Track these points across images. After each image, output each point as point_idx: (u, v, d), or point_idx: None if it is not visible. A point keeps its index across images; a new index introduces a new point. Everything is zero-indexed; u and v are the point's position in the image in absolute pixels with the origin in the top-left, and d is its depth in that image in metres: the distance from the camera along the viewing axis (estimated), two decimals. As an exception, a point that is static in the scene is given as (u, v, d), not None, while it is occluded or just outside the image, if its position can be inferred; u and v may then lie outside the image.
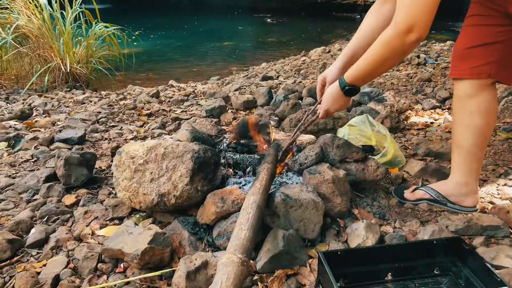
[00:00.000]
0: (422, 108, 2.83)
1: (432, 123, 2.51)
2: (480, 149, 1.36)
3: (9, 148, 2.12)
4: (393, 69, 4.30)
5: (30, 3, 4.26)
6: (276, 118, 2.58)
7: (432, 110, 2.77)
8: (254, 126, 1.63)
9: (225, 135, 1.78)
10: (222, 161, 1.54)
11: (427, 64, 4.58)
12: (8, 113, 2.86)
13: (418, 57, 4.86)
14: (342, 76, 1.33)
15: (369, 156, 1.56)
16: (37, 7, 4.26)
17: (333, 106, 1.39)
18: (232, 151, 1.59)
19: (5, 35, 3.98)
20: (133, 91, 4.00)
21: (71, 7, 4.45)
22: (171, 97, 3.44)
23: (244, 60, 8.38)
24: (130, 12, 14.39)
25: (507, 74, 1.30)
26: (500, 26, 1.24)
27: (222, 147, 1.67)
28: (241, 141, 1.68)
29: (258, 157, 1.50)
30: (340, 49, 6.82)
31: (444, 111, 2.75)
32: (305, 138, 1.84)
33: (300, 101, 2.89)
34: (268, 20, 15.25)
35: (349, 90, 1.32)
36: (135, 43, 7.80)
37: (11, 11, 4.27)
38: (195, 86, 4.36)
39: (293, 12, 16.67)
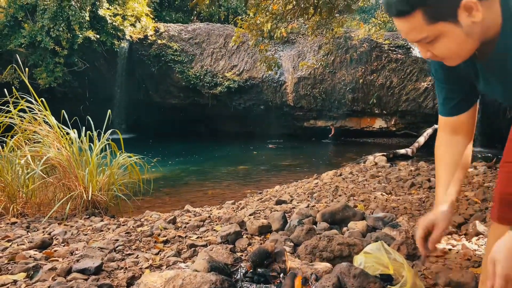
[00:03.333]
0: (438, 233, 2.81)
1: (450, 249, 2.48)
2: None
3: (27, 279, 2.13)
4: (404, 192, 4.37)
5: (61, 137, 4.68)
6: (291, 243, 2.58)
7: (449, 236, 2.74)
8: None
9: (241, 264, 1.79)
10: (239, 292, 1.53)
11: (438, 186, 4.65)
12: (28, 242, 2.92)
13: (429, 180, 4.98)
14: None
15: (388, 286, 1.53)
16: (67, 140, 4.67)
17: None
18: (249, 280, 1.59)
19: (35, 166, 4.29)
20: (150, 217, 4.09)
21: (99, 140, 4.85)
22: (187, 223, 3.50)
23: (258, 183, 8.62)
24: (151, 140, 15.40)
25: None
26: None
27: (238, 276, 1.67)
28: (258, 269, 1.68)
29: (275, 287, 1.49)
30: (351, 172, 7.03)
31: (461, 237, 2.73)
32: (321, 266, 1.83)
33: (315, 226, 2.92)
34: (281, 145, 16.07)
35: None
36: (153, 170, 8.20)
37: (43, 144, 4.67)
38: (211, 210, 4.44)
39: (304, 138, 17.62)
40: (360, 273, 1.49)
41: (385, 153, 9.85)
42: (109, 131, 5.05)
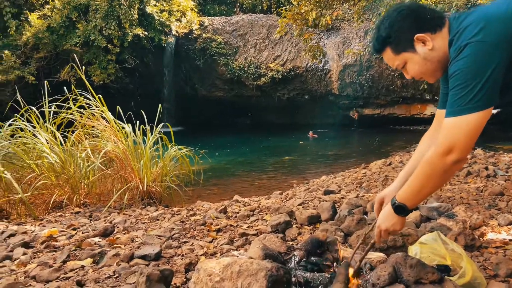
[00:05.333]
0: (498, 224, 2.69)
1: (510, 240, 2.36)
2: None
3: (94, 264, 2.30)
4: (460, 181, 4.20)
5: (117, 131, 4.93)
6: (342, 233, 2.58)
7: (510, 226, 2.61)
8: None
9: (294, 252, 1.83)
10: (293, 279, 1.57)
11: (497, 176, 4.42)
12: (92, 230, 3.14)
13: (487, 168, 4.73)
14: None
15: (446, 277, 1.50)
16: (123, 134, 4.92)
17: (384, 223, 1.48)
18: (302, 269, 1.62)
19: (94, 159, 4.57)
20: (202, 206, 4.24)
21: (152, 134, 5.07)
22: (238, 213, 3.59)
23: (304, 174, 8.61)
24: (198, 133, 15.79)
25: None
26: None
27: (292, 264, 1.71)
28: (311, 258, 1.71)
29: (329, 276, 1.51)
30: (401, 161, 6.83)
31: (523, 226, 2.59)
32: (374, 256, 1.83)
33: (366, 216, 2.89)
34: (326, 134, 15.88)
35: (398, 207, 1.42)
36: (201, 161, 8.44)
37: (101, 138, 4.95)
38: (259, 201, 4.52)
39: (351, 126, 17.29)
40: (417, 263, 1.47)
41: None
42: (161, 125, 5.26)
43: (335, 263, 1.67)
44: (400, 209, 1.42)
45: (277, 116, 18.93)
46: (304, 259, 1.69)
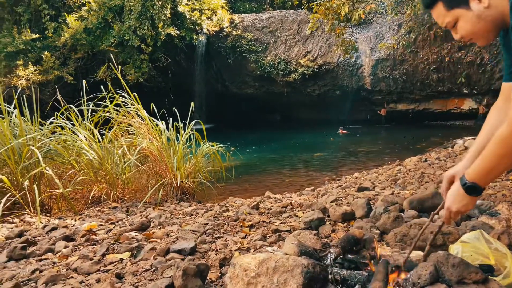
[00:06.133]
0: (545, 222, 2.55)
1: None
2: None
3: (132, 258, 2.37)
4: (501, 178, 4.01)
5: (152, 128, 5.04)
6: (377, 231, 2.53)
7: (558, 224, 2.47)
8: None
9: (330, 249, 1.80)
10: (329, 276, 1.55)
11: (542, 172, 4.19)
12: (129, 225, 3.24)
13: (530, 164, 4.50)
14: None
15: (490, 277, 1.44)
16: (157, 131, 5.03)
17: (454, 204, 1.38)
18: (339, 266, 1.60)
19: (130, 156, 4.70)
20: (234, 202, 4.27)
21: (184, 131, 5.15)
22: (270, 209, 3.59)
23: (335, 170, 8.50)
24: (229, 130, 15.91)
25: None
26: None
27: (328, 261, 1.69)
28: (348, 256, 1.68)
29: (367, 274, 1.48)
30: (438, 158, 6.62)
31: None
32: (413, 254, 1.78)
33: (402, 214, 2.82)
34: (358, 130, 15.62)
35: (469, 187, 1.32)
36: (232, 158, 8.50)
37: (136, 135, 5.08)
38: (291, 197, 4.50)
39: (385, 122, 16.91)
40: (460, 263, 1.42)
41: (476, 136, 9.05)
42: (193, 122, 5.34)
43: (372, 261, 1.63)
44: (472, 189, 1.33)
45: (308, 112, 18.76)
46: (341, 256, 1.66)
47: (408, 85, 15.66)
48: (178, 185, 4.58)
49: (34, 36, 13.70)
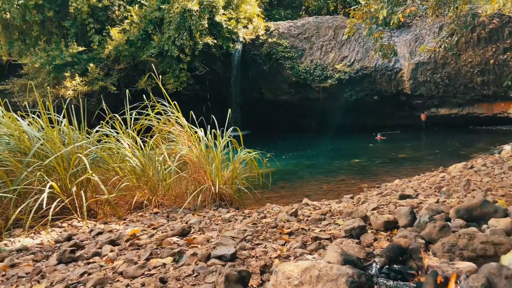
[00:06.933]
0: None
1: None
2: None
3: (174, 263, 2.42)
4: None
5: (191, 136, 5.15)
6: (422, 241, 2.44)
7: None
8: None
9: (375, 259, 1.76)
10: (375, 287, 1.51)
11: None
12: (170, 230, 3.31)
13: None
14: None
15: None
16: (196, 138, 5.13)
17: None
18: (385, 276, 1.56)
19: (171, 163, 4.82)
20: (272, 209, 4.26)
21: (222, 138, 5.22)
22: (309, 216, 3.56)
23: (374, 177, 8.31)
24: (265, 136, 15.95)
25: None
26: None
27: (373, 271, 1.65)
28: (393, 265, 1.64)
29: (415, 285, 1.43)
30: (484, 164, 6.31)
31: None
32: (463, 266, 1.70)
33: (449, 223, 2.70)
34: (398, 136, 15.20)
35: None
36: (269, 164, 8.51)
37: (176, 143, 5.21)
38: (329, 204, 4.44)
39: (426, 127, 16.36)
40: (515, 276, 1.34)
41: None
42: (231, 129, 5.40)
43: (419, 272, 1.58)
44: None
45: (344, 118, 18.46)
46: (386, 266, 1.62)
47: (450, 89, 15.08)
48: (216, 192, 4.64)
49: (81, 49, 14.42)
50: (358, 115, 17.83)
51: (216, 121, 5.42)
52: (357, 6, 7.50)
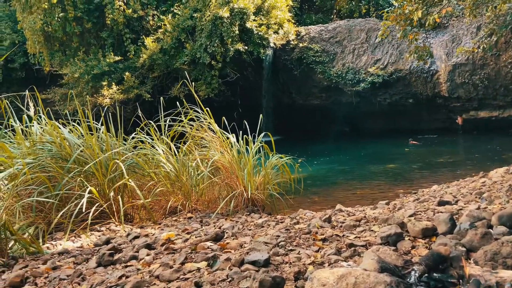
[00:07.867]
0: None
1: None
2: None
3: (208, 267, 2.44)
4: None
5: (223, 141, 5.20)
6: (463, 248, 2.34)
7: None
8: None
9: (413, 267, 1.71)
10: (414, 296, 1.46)
11: None
12: (204, 235, 3.35)
13: None
14: None
15: None
16: (228, 144, 5.18)
17: None
18: (424, 285, 1.50)
19: (203, 168, 4.88)
20: (304, 215, 4.23)
21: (254, 143, 5.24)
22: (343, 222, 3.50)
23: (411, 183, 8.09)
24: (297, 141, 15.87)
25: None
26: None
27: (412, 280, 1.60)
28: (433, 274, 1.58)
29: (457, 295, 1.38)
30: (530, 169, 5.99)
31: None
32: (507, 274, 1.62)
33: (491, 230, 2.58)
34: (435, 140, 14.73)
35: None
36: (300, 169, 8.45)
37: (209, 148, 5.28)
38: (364, 210, 4.35)
39: (463, 131, 15.76)
40: None
41: None
42: (262, 134, 5.41)
43: (461, 281, 1.52)
44: None
45: (378, 122, 18.09)
46: (426, 274, 1.57)
47: (490, 90, 14.47)
48: (249, 197, 4.65)
49: (117, 58, 14.97)
50: (391, 119, 17.43)
51: (247, 127, 5.45)
52: (390, 8, 7.37)
